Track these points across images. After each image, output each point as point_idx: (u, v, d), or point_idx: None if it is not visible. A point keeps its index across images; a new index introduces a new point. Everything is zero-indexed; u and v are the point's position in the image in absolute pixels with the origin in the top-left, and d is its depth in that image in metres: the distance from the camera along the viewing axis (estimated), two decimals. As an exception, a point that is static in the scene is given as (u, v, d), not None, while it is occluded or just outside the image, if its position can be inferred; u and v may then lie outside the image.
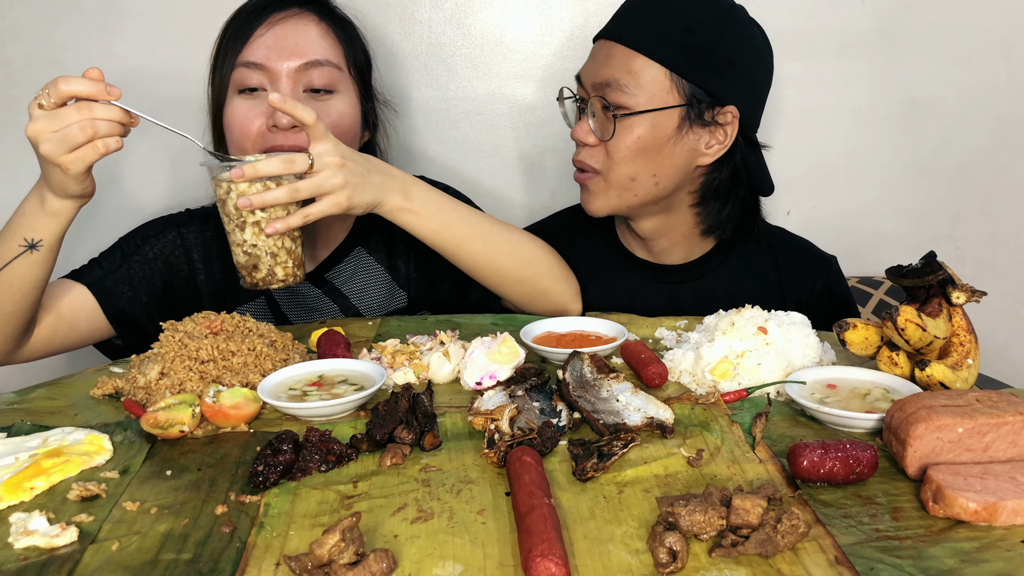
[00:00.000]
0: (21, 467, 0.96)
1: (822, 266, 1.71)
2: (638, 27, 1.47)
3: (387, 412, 1.04)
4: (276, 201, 1.27)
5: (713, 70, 1.46)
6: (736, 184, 1.57)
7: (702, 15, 1.47)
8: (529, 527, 0.78)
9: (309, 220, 1.30)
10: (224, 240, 1.59)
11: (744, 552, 0.78)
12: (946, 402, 0.93)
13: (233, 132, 1.51)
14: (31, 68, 1.97)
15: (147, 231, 1.62)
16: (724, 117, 1.48)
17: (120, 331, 1.55)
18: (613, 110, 1.46)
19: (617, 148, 1.48)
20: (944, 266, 1.12)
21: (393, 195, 1.38)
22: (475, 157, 2.10)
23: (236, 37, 1.52)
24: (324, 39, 1.54)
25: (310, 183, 1.28)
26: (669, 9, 1.48)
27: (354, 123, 1.59)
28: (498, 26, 2.02)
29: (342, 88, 1.55)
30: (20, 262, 1.32)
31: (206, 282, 1.64)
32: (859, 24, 2.01)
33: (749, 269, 1.67)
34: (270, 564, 0.78)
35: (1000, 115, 2.07)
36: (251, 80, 1.49)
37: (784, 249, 1.70)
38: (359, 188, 1.33)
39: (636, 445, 0.99)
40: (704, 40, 1.45)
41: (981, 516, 0.82)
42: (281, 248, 1.32)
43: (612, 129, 1.47)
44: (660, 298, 1.65)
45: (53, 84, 1.19)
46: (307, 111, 1.28)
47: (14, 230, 1.33)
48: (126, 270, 1.56)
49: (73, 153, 1.20)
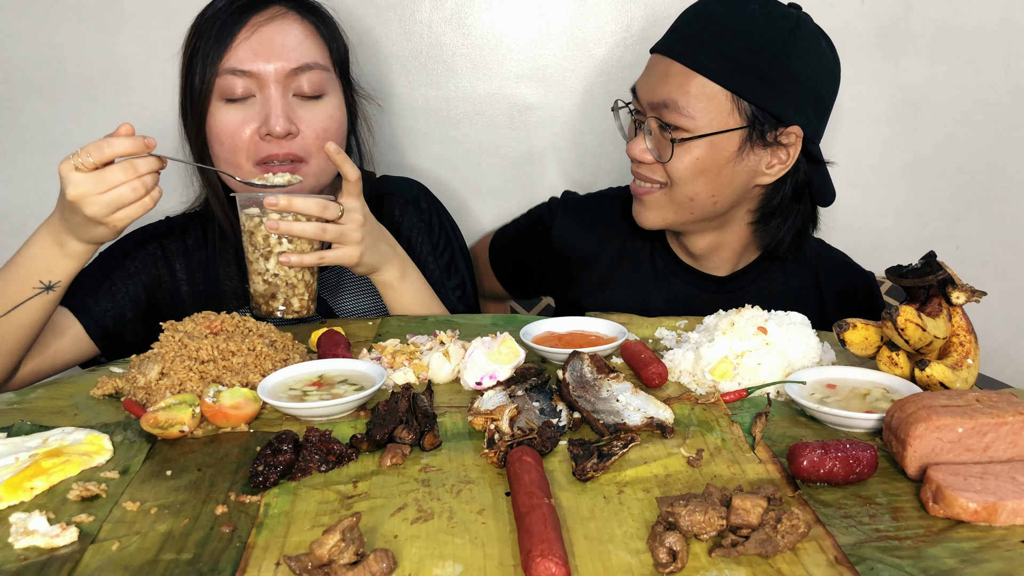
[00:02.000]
0: (21, 467, 0.96)
1: (862, 283, 1.70)
2: (697, 44, 1.42)
3: (387, 412, 1.04)
4: (302, 234, 1.34)
5: (776, 89, 1.41)
6: (797, 201, 1.54)
7: (766, 29, 1.40)
8: (529, 527, 0.78)
9: (323, 263, 1.38)
10: (207, 248, 1.60)
11: (744, 552, 0.78)
12: (946, 402, 0.93)
13: (223, 142, 1.49)
14: (31, 68, 1.97)
15: (127, 244, 1.60)
16: (787, 137, 1.44)
17: (104, 350, 1.54)
18: (671, 132, 1.42)
19: (675, 169, 1.45)
20: (944, 266, 1.12)
21: (392, 269, 1.48)
22: (475, 157, 2.10)
23: (216, 40, 1.47)
24: (309, 39, 1.52)
25: (336, 230, 1.37)
26: (731, 24, 1.41)
27: (342, 123, 1.58)
28: (498, 26, 2.02)
29: (330, 89, 1.54)
30: (33, 303, 1.34)
31: (190, 292, 1.62)
32: (859, 24, 2.01)
33: (788, 283, 1.65)
34: (270, 564, 0.78)
35: (1000, 115, 2.07)
36: (237, 88, 1.47)
37: (825, 264, 1.68)
38: (370, 250, 1.42)
39: (636, 445, 0.99)
40: (768, 58, 1.39)
41: (981, 516, 0.82)
42: (300, 280, 1.39)
43: (671, 151, 1.43)
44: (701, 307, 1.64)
45: (95, 147, 1.21)
46: (353, 168, 1.38)
47: (25, 272, 1.33)
48: (108, 287, 1.54)
49: (121, 212, 1.24)
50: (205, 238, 1.65)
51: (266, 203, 1.31)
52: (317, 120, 1.51)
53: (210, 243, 1.65)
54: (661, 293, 1.67)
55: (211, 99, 1.49)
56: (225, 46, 1.47)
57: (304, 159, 1.51)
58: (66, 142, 2.03)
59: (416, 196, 1.76)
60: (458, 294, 1.72)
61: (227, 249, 1.64)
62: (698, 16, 1.46)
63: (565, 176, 2.09)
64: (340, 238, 1.38)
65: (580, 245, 1.74)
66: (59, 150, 2.03)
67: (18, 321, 1.34)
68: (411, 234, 1.72)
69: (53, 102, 2.00)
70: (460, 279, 1.75)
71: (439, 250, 1.74)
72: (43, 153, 2.03)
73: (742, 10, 1.43)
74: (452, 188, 2.08)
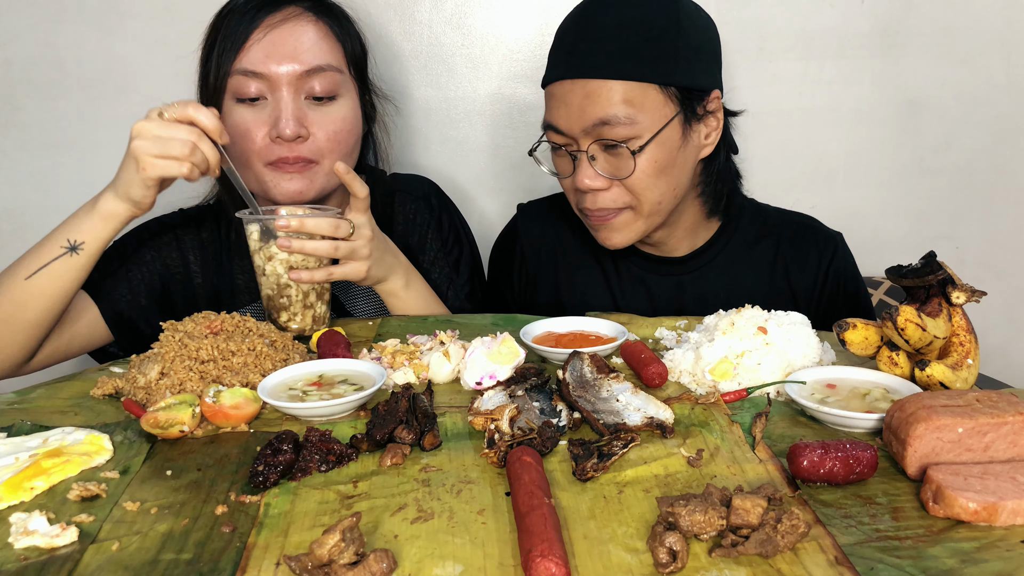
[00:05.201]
0: (21, 467, 0.96)
1: (828, 243, 1.65)
2: (604, 54, 1.39)
3: (387, 412, 1.04)
4: (315, 252, 1.37)
5: (690, 64, 1.42)
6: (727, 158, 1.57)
7: (654, 13, 1.40)
8: (529, 527, 0.78)
9: (332, 278, 1.41)
10: (221, 243, 1.60)
11: (744, 552, 0.78)
12: (946, 402, 0.93)
13: (235, 142, 1.49)
14: (31, 68, 1.98)
15: (142, 234, 1.61)
16: (712, 104, 1.47)
17: (118, 336, 1.54)
18: (625, 146, 1.40)
19: (637, 181, 1.43)
20: (944, 266, 1.12)
21: (397, 278, 1.51)
22: (475, 157, 2.10)
23: (230, 40, 1.48)
24: (324, 41, 1.51)
25: (347, 246, 1.40)
26: (623, 22, 1.40)
27: (355, 125, 1.58)
28: (498, 26, 2.02)
29: (343, 91, 1.53)
30: (56, 266, 1.35)
31: (203, 285, 1.63)
32: (859, 24, 2.02)
33: (750, 256, 1.64)
34: (270, 564, 0.78)
35: (1000, 115, 2.07)
36: (250, 89, 1.47)
37: (784, 228, 1.66)
38: (377, 263, 1.45)
39: (636, 445, 0.99)
40: (671, 39, 1.40)
41: (981, 516, 0.82)
42: (312, 290, 1.42)
43: (633, 164, 1.41)
44: (668, 290, 1.64)
45: (182, 104, 1.28)
46: (362, 185, 1.40)
47: (56, 235, 1.36)
48: (124, 272, 1.55)
49: (159, 159, 1.27)
50: (219, 232, 1.66)
51: (278, 225, 1.34)
52: (329, 123, 1.51)
53: (223, 238, 1.65)
54: (625, 283, 1.67)
55: (224, 98, 1.50)
56: (239, 46, 1.47)
57: (315, 161, 1.51)
58: (66, 142, 2.04)
59: (427, 193, 1.77)
60: (466, 291, 1.72)
61: (240, 245, 1.64)
62: (586, 28, 1.42)
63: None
64: (350, 255, 1.40)
65: (548, 241, 1.73)
66: (59, 150, 2.05)
67: (41, 286, 1.35)
68: (423, 231, 1.72)
69: (53, 102, 2.00)
70: (468, 277, 1.76)
71: (448, 247, 1.74)
72: (43, 153, 2.03)
73: (624, 5, 1.42)
74: (452, 188, 2.07)
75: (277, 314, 1.42)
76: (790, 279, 1.64)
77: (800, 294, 1.64)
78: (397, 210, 1.72)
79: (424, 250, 1.72)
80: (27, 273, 1.35)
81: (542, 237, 1.74)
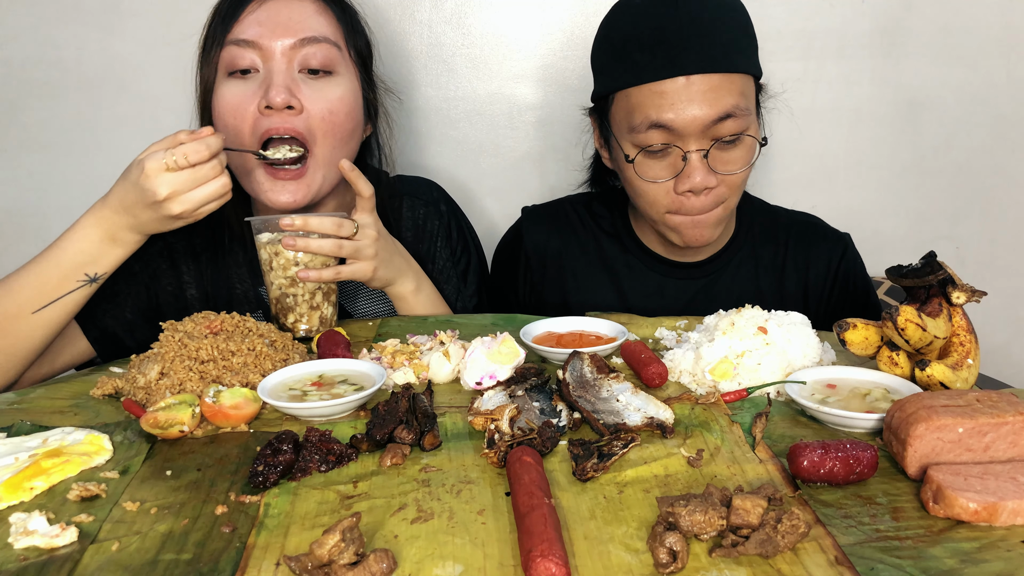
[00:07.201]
0: (21, 467, 0.96)
1: (837, 244, 1.66)
2: (719, 47, 1.39)
3: (387, 412, 1.04)
4: (320, 250, 1.36)
5: (757, 55, 1.45)
6: None
7: (735, 5, 1.44)
8: (529, 527, 0.78)
9: (339, 278, 1.39)
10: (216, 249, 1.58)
11: (744, 552, 0.78)
12: (946, 402, 0.93)
13: (226, 117, 1.43)
14: (31, 68, 1.98)
15: None
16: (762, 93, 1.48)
17: (101, 352, 1.50)
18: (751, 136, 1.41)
19: (742, 173, 1.45)
20: (944, 266, 1.12)
21: (407, 282, 1.49)
22: (475, 157, 2.10)
23: (225, 16, 1.44)
24: (321, 15, 1.46)
25: (352, 246, 1.38)
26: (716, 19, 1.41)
27: (355, 108, 1.51)
28: (498, 26, 2.02)
29: (341, 69, 1.47)
30: (73, 297, 1.32)
31: (197, 296, 1.57)
32: (859, 24, 2.02)
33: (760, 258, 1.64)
34: (270, 564, 0.78)
35: (1000, 115, 2.08)
36: (243, 60, 1.42)
37: (793, 229, 1.66)
38: (384, 263, 1.43)
39: (636, 445, 0.99)
40: (752, 31, 1.43)
41: (981, 516, 0.82)
42: (318, 291, 1.41)
43: (746, 157, 1.42)
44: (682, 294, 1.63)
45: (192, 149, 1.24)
46: (367, 184, 1.39)
47: (69, 266, 1.30)
48: (110, 287, 1.46)
49: (208, 206, 1.28)
50: (213, 238, 1.59)
51: (282, 223, 1.33)
52: (323, 99, 1.44)
53: (219, 244, 1.59)
54: (636, 288, 1.66)
55: (217, 75, 1.45)
56: (233, 19, 1.43)
57: (307, 140, 1.44)
58: (66, 142, 2.04)
59: (436, 199, 1.74)
60: (475, 302, 1.71)
61: (237, 251, 1.59)
62: (680, 24, 1.39)
63: (565, 176, 2.09)
64: (355, 254, 1.39)
65: (554, 246, 1.72)
66: (59, 150, 2.05)
67: (52, 315, 1.31)
68: (432, 239, 1.70)
69: (53, 102, 2.00)
70: (476, 288, 1.73)
71: (457, 256, 1.72)
72: (43, 153, 2.03)
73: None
74: (452, 188, 2.07)
75: (284, 316, 1.41)
76: (800, 280, 1.64)
77: (811, 295, 1.64)
78: (406, 215, 1.69)
79: (434, 259, 1.69)
80: (36, 306, 1.30)
81: (547, 242, 1.73)
